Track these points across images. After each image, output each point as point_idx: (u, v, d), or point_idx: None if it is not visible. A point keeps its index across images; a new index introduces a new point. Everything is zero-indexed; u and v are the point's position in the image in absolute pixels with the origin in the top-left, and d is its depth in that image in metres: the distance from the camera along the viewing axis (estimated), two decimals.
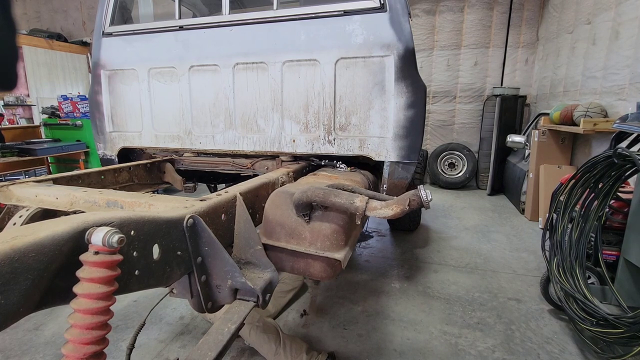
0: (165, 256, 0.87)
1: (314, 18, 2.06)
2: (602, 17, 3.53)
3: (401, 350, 1.96)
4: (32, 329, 2.17)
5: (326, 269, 1.30)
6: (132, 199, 1.28)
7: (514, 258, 3.12)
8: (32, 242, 0.60)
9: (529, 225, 3.98)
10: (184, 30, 2.33)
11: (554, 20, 4.75)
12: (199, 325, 2.18)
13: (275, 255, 1.33)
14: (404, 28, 1.92)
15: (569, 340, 2.02)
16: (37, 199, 1.38)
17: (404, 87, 1.95)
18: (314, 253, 1.27)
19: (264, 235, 1.35)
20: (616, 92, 3.27)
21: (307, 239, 1.29)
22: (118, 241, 0.66)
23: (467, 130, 5.91)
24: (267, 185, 1.54)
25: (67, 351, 0.63)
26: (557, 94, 4.57)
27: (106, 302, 0.66)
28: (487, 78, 5.69)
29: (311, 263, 1.30)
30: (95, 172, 1.90)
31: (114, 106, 2.61)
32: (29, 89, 6.48)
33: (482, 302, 2.42)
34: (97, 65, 2.57)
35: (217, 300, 1.07)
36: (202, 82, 2.34)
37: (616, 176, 1.96)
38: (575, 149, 4.08)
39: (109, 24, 2.51)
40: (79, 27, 7.63)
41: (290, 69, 2.14)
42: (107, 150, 2.69)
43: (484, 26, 5.54)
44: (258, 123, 2.27)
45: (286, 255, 1.33)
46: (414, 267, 2.97)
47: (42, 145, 4.93)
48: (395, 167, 2.04)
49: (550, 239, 2.26)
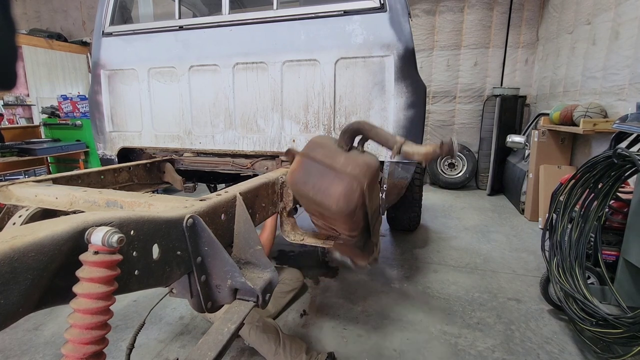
0: (165, 256, 0.87)
1: (313, 18, 2.06)
2: (602, 18, 3.53)
3: (401, 350, 1.96)
4: (31, 329, 2.17)
5: (344, 196, 1.37)
6: (132, 198, 1.27)
7: (514, 258, 3.13)
8: (32, 241, 0.60)
9: (529, 226, 3.98)
10: (183, 30, 2.33)
11: (554, 20, 4.75)
12: (199, 325, 2.18)
13: (305, 170, 1.44)
14: (404, 28, 1.92)
15: (568, 340, 2.02)
16: (37, 198, 1.38)
17: (403, 87, 1.95)
18: (342, 169, 1.39)
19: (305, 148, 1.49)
20: (616, 93, 3.27)
21: (341, 162, 1.41)
22: (118, 241, 0.66)
23: (467, 130, 5.91)
24: (267, 185, 1.54)
25: (66, 351, 0.63)
26: (557, 94, 4.57)
27: (106, 302, 0.66)
28: (487, 78, 5.69)
29: (334, 183, 1.39)
30: (95, 172, 1.90)
31: (114, 106, 2.61)
32: (29, 88, 6.47)
33: (481, 302, 2.42)
34: (97, 65, 2.57)
35: (216, 300, 1.06)
36: (202, 82, 2.34)
37: (616, 176, 1.96)
38: (575, 149, 4.08)
39: (109, 24, 2.51)
40: (79, 27, 7.62)
41: (290, 69, 2.14)
42: (106, 150, 2.69)
43: (484, 26, 5.54)
44: (258, 123, 2.27)
45: (315, 170, 1.43)
46: (414, 267, 2.97)
47: (41, 145, 4.93)
48: (395, 167, 2.04)
49: (550, 239, 2.26)
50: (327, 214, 1.48)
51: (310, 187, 1.42)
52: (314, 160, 1.46)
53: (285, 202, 1.65)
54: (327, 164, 1.43)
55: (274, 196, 1.58)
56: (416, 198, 3.53)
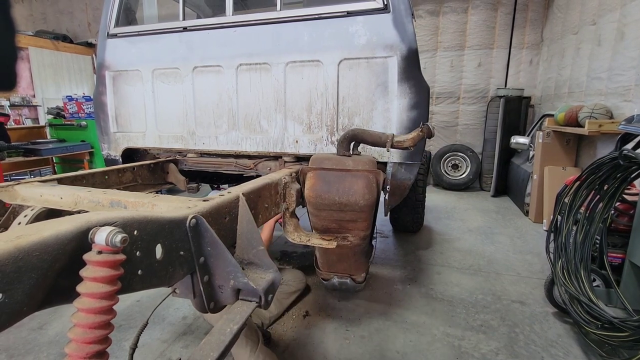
0: (168, 256, 0.87)
1: (317, 19, 2.06)
2: (607, 18, 3.51)
3: (404, 352, 1.95)
4: (36, 328, 2.18)
5: (367, 189, 1.57)
6: (136, 199, 1.28)
7: (518, 260, 3.10)
8: (37, 241, 0.60)
9: (533, 227, 3.95)
10: (188, 31, 2.34)
11: (559, 21, 4.73)
12: (202, 326, 2.19)
13: (323, 181, 1.62)
14: (407, 29, 1.91)
15: (573, 343, 2.00)
16: (42, 198, 1.39)
17: (407, 88, 1.94)
18: (355, 169, 1.61)
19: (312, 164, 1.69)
20: (621, 94, 3.24)
21: (351, 165, 1.63)
22: (121, 241, 0.66)
23: (470, 131, 5.88)
24: (270, 185, 1.54)
25: (70, 350, 0.63)
26: (561, 95, 4.54)
27: (109, 302, 0.66)
28: (491, 79, 5.67)
29: (355, 182, 1.58)
30: (100, 172, 1.91)
31: (118, 107, 2.63)
32: (35, 89, 6.54)
33: (485, 305, 2.40)
34: (102, 66, 2.59)
35: (219, 301, 1.06)
36: (206, 83, 2.35)
37: (622, 178, 1.95)
38: (580, 150, 4.05)
39: (114, 26, 2.53)
40: (84, 29, 7.69)
41: (293, 70, 2.15)
42: (111, 151, 2.71)
43: (487, 27, 5.52)
44: (261, 124, 2.28)
45: (332, 177, 1.62)
46: (417, 268, 2.96)
47: (47, 146, 4.97)
48: (398, 168, 2.03)
49: (555, 241, 2.24)
50: (350, 215, 1.63)
51: (334, 193, 1.59)
52: (328, 170, 1.64)
53: (288, 203, 1.65)
54: (341, 169, 1.63)
55: (276, 197, 1.58)
56: (419, 199, 3.51)
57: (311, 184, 1.64)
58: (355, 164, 1.64)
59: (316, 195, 1.62)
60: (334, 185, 1.60)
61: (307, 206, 1.69)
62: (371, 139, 1.69)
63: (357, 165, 1.63)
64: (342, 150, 1.72)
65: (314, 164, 1.70)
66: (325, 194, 1.60)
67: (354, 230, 1.70)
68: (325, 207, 1.63)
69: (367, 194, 1.57)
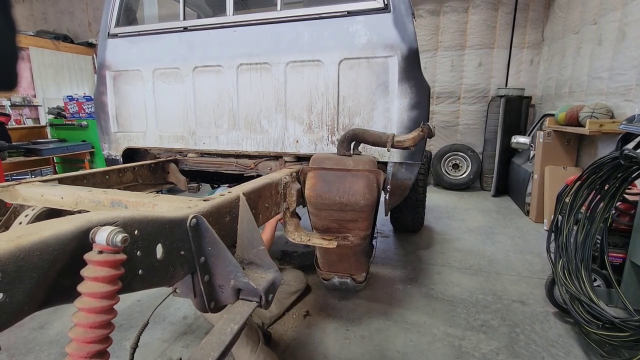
0: (169, 256, 0.87)
1: (317, 19, 2.06)
2: (609, 18, 3.50)
3: (404, 351, 1.95)
4: (37, 328, 2.19)
5: (367, 188, 1.57)
6: (136, 198, 1.28)
7: (519, 260, 3.10)
8: (37, 241, 0.60)
9: (534, 227, 3.95)
10: (188, 31, 2.34)
11: (560, 20, 4.72)
12: (202, 325, 2.19)
13: (324, 181, 1.62)
14: (407, 29, 1.91)
15: (574, 343, 2.00)
16: (43, 198, 1.39)
17: (407, 87, 1.94)
18: (356, 169, 1.61)
19: (313, 164, 1.69)
20: (622, 93, 3.24)
21: (351, 165, 1.63)
22: (122, 240, 0.66)
23: (471, 131, 5.88)
24: (270, 185, 1.54)
25: (71, 350, 0.63)
26: (562, 94, 4.54)
27: (110, 301, 0.66)
28: (492, 79, 5.66)
29: (355, 182, 1.58)
30: (100, 172, 1.91)
31: (119, 107, 2.63)
32: (35, 89, 6.54)
33: (486, 304, 2.40)
34: (103, 66, 2.59)
35: (220, 300, 1.06)
36: (206, 83, 2.35)
37: (622, 178, 1.94)
38: (580, 150, 4.05)
39: (114, 26, 2.53)
40: (85, 29, 7.69)
41: (293, 70, 2.15)
42: (111, 151, 2.71)
43: (488, 27, 5.52)
44: (261, 124, 2.28)
45: (333, 177, 1.61)
46: (417, 268, 2.96)
47: (48, 146, 4.98)
48: (399, 168, 2.03)
49: (556, 241, 2.24)
50: (351, 214, 1.62)
51: (335, 193, 1.59)
52: (328, 169, 1.64)
53: (289, 203, 1.65)
54: (341, 169, 1.63)
55: (277, 197, 1.59)
56: (420, 199, 3.51)
57: (312, 184, 1.64)
58: (355, 163, 1.64)
59: (317, 195, 1.61)
60: (334, 185, 1.60)
61: (308, 206, 1.68)
62: (372, 139, 1.69)
63: (358, 165, 1.63)
64: (342, 150, 1.71)
65: (315, 163, 1.69)
66: (326, 194, 1.60)
67: (355, 230, 1.69)
68: (326, 206, 1.62)
69: (367, 193, 1.57)
